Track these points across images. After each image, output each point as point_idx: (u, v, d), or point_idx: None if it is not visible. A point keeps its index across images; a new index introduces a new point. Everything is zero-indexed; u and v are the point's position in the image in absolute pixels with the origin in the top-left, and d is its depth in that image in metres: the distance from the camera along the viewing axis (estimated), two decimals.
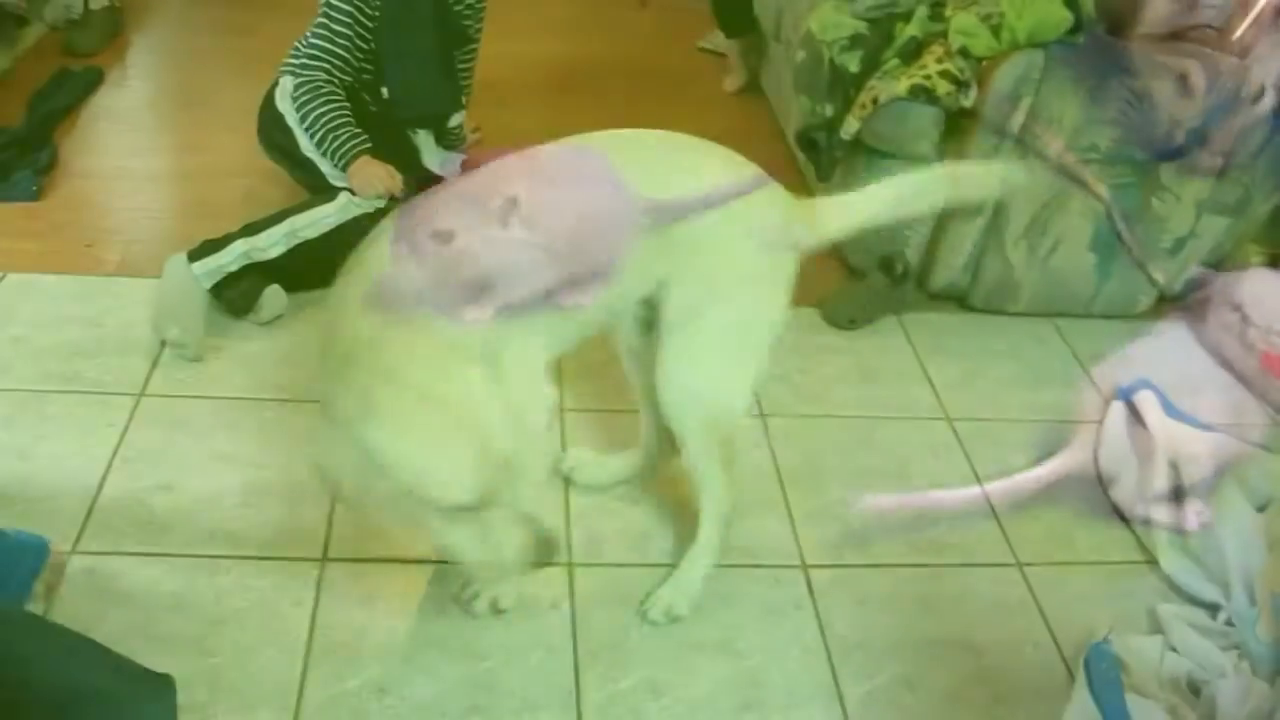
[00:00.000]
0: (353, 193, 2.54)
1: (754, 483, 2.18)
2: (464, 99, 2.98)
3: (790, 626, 1.89)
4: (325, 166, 2.64)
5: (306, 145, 2.65)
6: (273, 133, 2.73)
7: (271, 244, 2.48)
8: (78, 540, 1.88)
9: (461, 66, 2.91)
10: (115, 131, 3.21)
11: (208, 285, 2.42)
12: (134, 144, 3.16)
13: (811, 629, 1.89)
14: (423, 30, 2.67)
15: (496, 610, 1.84)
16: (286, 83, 2.66)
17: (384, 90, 2.71)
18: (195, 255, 2.44)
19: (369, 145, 2.59)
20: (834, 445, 2.31)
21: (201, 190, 2.94)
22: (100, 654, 1.56)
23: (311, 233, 2.50)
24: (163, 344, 2.33)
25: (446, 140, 2.97)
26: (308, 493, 2.02)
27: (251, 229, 2.49)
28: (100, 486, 1.99)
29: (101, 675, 1.52)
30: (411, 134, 2.87)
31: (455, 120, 2.98)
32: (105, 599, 1.79)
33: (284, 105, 2.67)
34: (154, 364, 2.29)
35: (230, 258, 2.44)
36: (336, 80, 2.62)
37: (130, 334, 2.37)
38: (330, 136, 2.58)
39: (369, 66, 2.69)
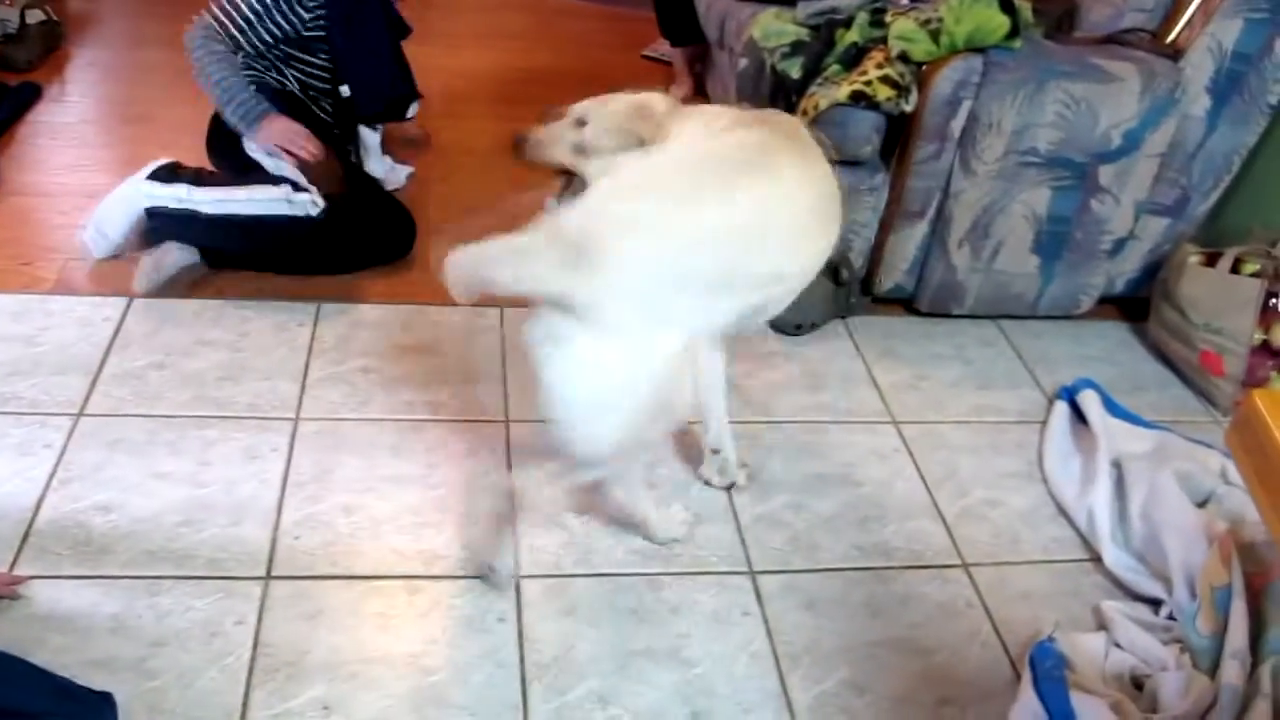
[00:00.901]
0: (295, 189, 2.56)
1: (701, 491, 2.18)
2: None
3: (738, 634, 1.89)
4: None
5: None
6: (225, 144, 2.74)
7: (206, 200, 2.55)
8: (14, 564, 1.84)
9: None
10: (53, 148, 3.17)
11: (145, 205, 2.56)
12: (72, 160, 3.11)
13: (760, 635, 1.89)
14: (375, 24, 2.78)
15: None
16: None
17: (344, 89, 2.77)
18: (154, 175, 2.58)
19: (273, 109, 2.63)
20: (781, 451, 2.31)
21: None
22: (39, 676, 1.54)
23: (242, 209, 2.55)
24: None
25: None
26: (250, 510, 2.01)
27: (199, 179, 2.59)
28: (37, 509, 1.96)
29: (41, 698, 1.51)
30: (353, 145, 2.89)
31: (413, 110, 3.07)
32: (43, 623, 1.75)
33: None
34: (93, 383, 2.26)
35: (169, 196, 2.55)
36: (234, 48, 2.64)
37: (68, 353, 2.33)
38: (234, 98, 2.59)
39: (322, 74, 2.77)
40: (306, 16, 2.65)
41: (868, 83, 2.46)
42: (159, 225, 2.57)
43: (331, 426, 2.23)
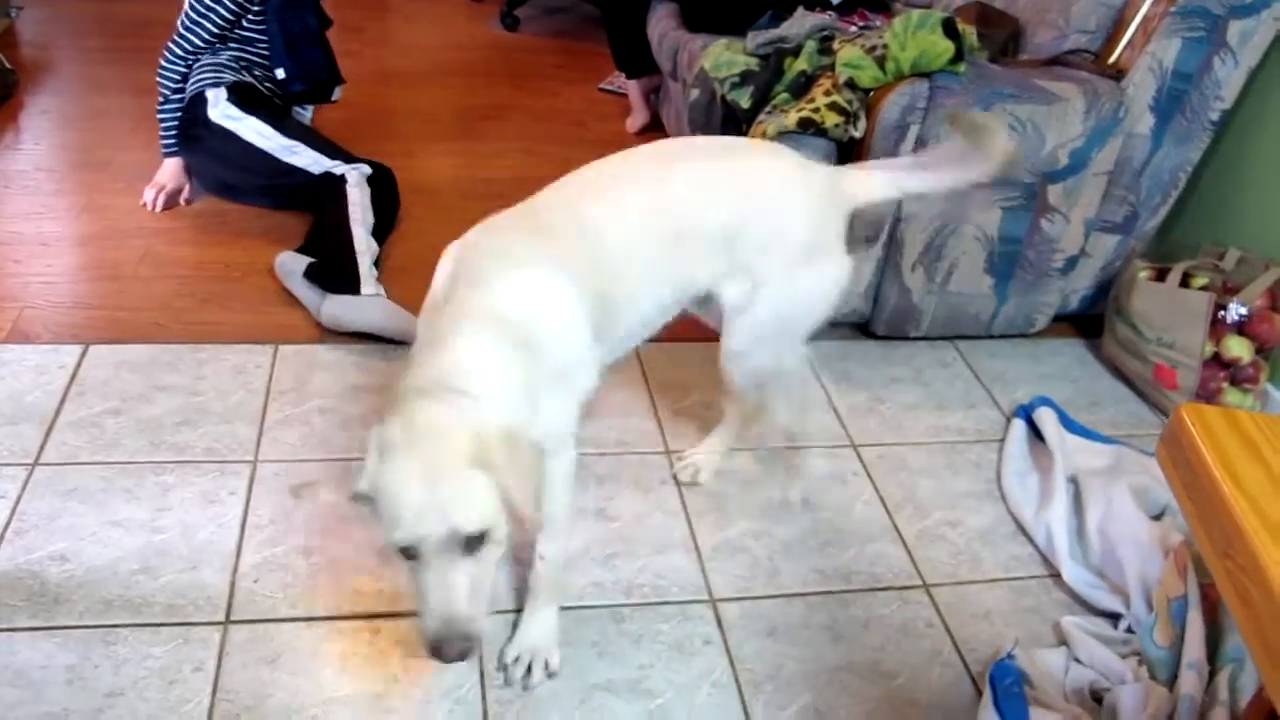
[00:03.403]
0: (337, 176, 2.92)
1: (661, 520, 2.19)
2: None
3: (700, 663, 1.89)
4: (306, 158, 2.98)
5: (276, 145, 3.00)
6: (220, 159, 3.07)
7: (369, 244, 2.79)
8: None
9: None
10: (6, 195, 3.16)
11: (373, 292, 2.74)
12: (26, 208, 3.10)
13: (722, 664, 1.90)
14: (307, 13, 3.13)
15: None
16: (215, 95, 3.01)
17: (279, 72, 3.10)
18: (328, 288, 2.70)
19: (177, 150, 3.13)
20: (740, 478, 2.32)
21: (98, 253, 2.90)
22: None
23: (370, 217, 2.85)
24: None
25: None
26: (209, 555, 2.00)
27: (346, 246, 2.78)
28: None
29: None
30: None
31: (337, 94, 3.35)
32: None
33: (222, 117, 3.00)
34: (48, 432, 2.25)
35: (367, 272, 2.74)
36: (188, 71, 3.08)
37: (22, 402, 2.32)
38: (164, 123, 3.09)
39: (257, 58, 3.15)
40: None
41: (815, 110, 2.49)
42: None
43: (291, 468, 2.22)
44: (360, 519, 2.09)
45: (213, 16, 3.01)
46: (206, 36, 3.03)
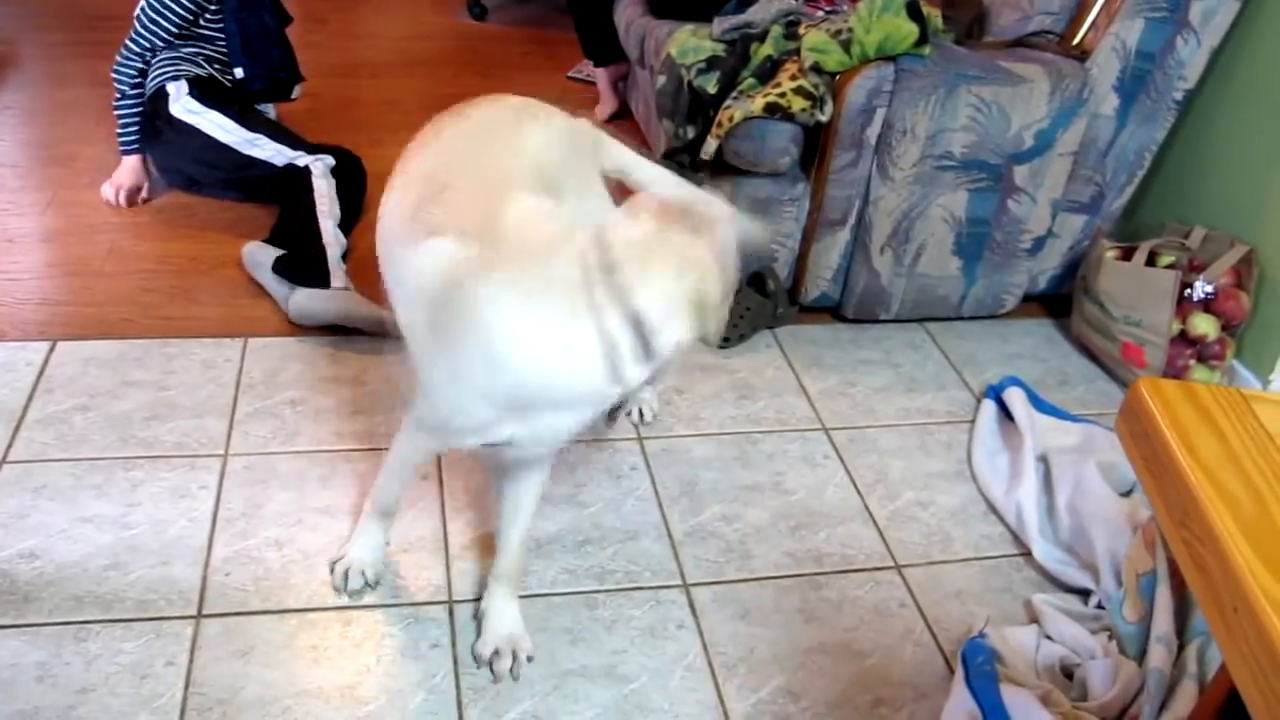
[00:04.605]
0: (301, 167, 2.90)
1: (633, 506, 2.19)
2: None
3: (674, 647, 1.90)
4: (268, 150, 2.97)
5: (238, 138, 2.98)
6: (182, 154, 3.05)
7: (336, 236, 2.76)
8: None
9: None
10: None
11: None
12: None
13: (695, 648, 1.90)
14: (264, 11, 3.11)
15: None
16: (176, 89, 2.99)
17: (238, 71, 3.09)
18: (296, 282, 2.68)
19: (139, 147, 3.09)
20: (712, 463, 2.33)
21: (64, 249, 2.87)
22: None
23: (337, 209, 2.83)
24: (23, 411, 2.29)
25: None
26: (180, 549, 1.99)
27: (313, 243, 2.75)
28: None
29: None
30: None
31: (297, 92, 3.34)
32: None
33: (183, 111, 2.98)
34: (15, 429, 2.23)
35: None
36: (145, 68, 3.04)
37: None
38: (122, 121, 3.04)
39: (215, 54, 3.11)
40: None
41: (782, 95, 2.49)
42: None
43: (261, 461, 2.22)
44: (328, 511, 2.09)
45: (170, 15, 2.98)
46: (164, 35, 3.00)
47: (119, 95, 3.03)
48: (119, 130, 3.06)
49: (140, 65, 3.02)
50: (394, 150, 1.92)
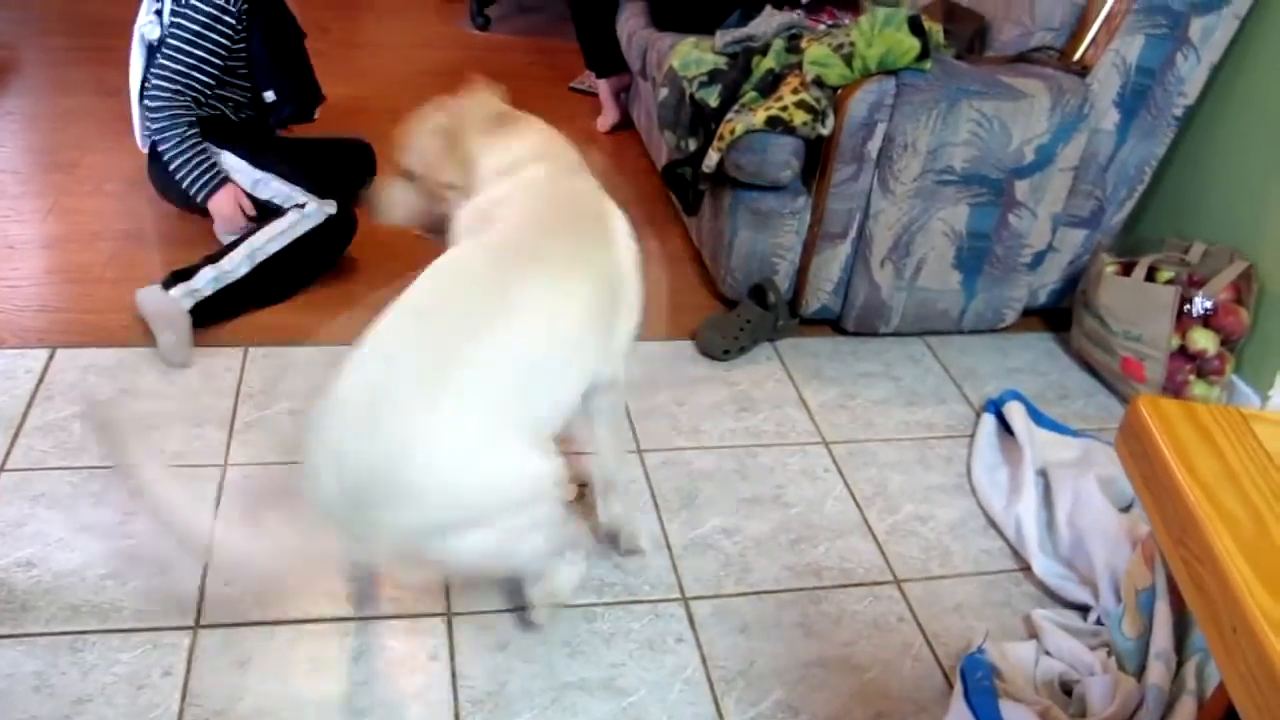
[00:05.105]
0: (301, 207, 2.77)
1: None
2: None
3: (672, 661, 1.90)
4: (272, 190, 2.86)
5: (246, 179, 2.87)
6: (185, 193, 2.85)
7: (235, 266, 2.64)
8: None
9: None
10: None
11: (188, 306, 2.56)
12: None
13: (694, 662, 1.90)
14: (287, 31, 3.01)
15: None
16: None
17: (268, 95, 2.95)
18: (168, 284, 2.58)
19: (225, 177, 2.85)
20: (712, 476, 2.33)
21: (65, 256, 2.88)
22: None
23: (272, 247, 2.70)
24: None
25: None
26: (177, 559, 1.98)
27: (214, 258, 2.66)
28: None
29: None
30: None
31: (315, 113, 3.22)
32: None
33: None
34: (14, 436, 2.23)
35: (202, 282, 2.60)
36: (194, 107, 2.83)
37: None
38: (193, 166, 2.79)
39: (235, 81, 2.92)
40: (233, 28, 2.81)
41: (784, 108, 2.50)
42: (208, 311, 2.61)
43: (259, 471, 2.21)
44: None
45: (206, 67, 2.79)
46: (206, 80, 2.81)
47: (178, 140, 2.78)
48: (199, 179, 2.80)
49: (188, 120, 2.80)
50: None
